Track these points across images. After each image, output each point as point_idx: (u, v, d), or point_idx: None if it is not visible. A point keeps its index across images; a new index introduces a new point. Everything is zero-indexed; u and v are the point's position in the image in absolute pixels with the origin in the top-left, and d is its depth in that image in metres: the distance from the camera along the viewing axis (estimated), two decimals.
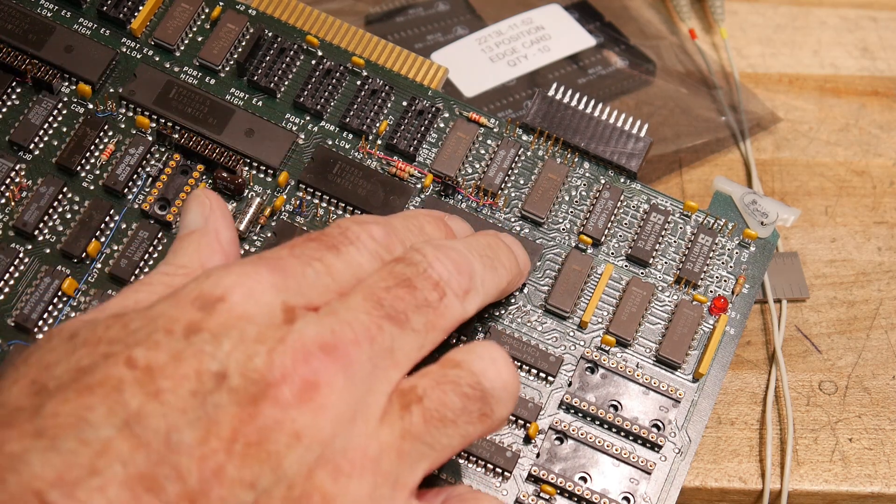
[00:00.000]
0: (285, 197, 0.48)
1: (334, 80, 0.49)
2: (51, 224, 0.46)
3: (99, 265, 0.46)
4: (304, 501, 0.33)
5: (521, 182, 0.49)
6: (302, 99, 0.49)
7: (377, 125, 0.49)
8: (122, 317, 0.35)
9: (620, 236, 0.48)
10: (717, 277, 0.48)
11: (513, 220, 0.48)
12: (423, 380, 0.37)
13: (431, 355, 0.38)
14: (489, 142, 0.49)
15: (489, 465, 0.44)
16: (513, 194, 0.48)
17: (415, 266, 0.38)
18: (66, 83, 0.49)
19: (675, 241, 0.48)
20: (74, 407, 0.32)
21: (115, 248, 0.46)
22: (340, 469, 0.34)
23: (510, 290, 0.44)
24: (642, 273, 0.48)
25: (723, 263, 0.48)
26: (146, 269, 0.46)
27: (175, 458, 0.32)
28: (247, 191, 0.48)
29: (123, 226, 0.47)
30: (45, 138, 0.48)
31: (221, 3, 0.51)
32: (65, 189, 0.47)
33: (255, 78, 0.49)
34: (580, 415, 0.45)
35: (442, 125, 0.49)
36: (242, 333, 0.34)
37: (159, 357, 0.33)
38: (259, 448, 0.33)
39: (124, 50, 0.50)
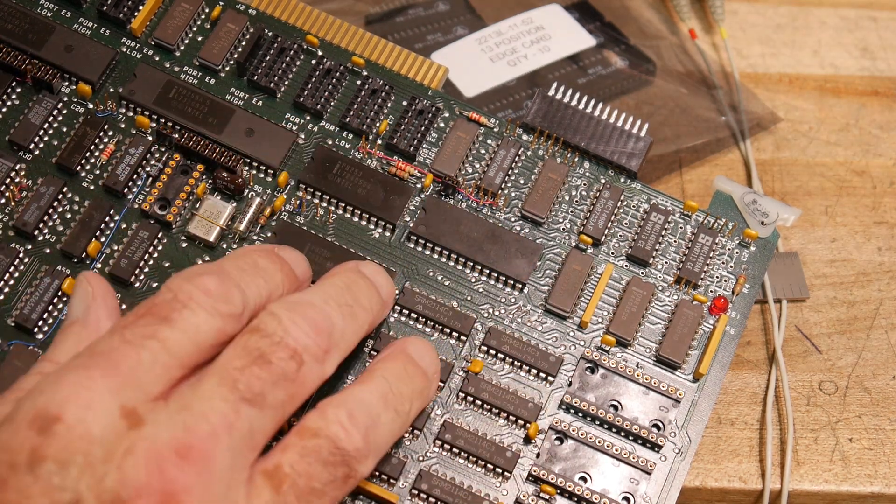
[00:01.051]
0: (285, 197, 0.48)
1: (334, 80, 0.49)
2: (51, 224, 0.46)
3: (99, 265, 0.46)
4: None
5: (522, 182, 0.49)
6: (302, 99, 0.49)
7: (377, 125, 0.49)
8: None
9: (620, 236, 0.48)
10: (717, 277, 0.48)
11: (513, 219, 0.48)
12: (285, 455, 0.36)
13: None
14: (489, 141, 0.49)
15: (489, 465, 0.44)
16: (513, 194, 0.48)
17: (269, 337, 0.37)
18: (66, 83, 0.49)
19: (675, 241, 0.48)
20: None
21: (115, 247, 0.46)
22: None
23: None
24: (642, 273, 0.48)
25: (723, 263, 0.48)
26: (146, 269, 0.46)
27: None
28: (247, 191, 0.48)
29: (123, 226, 0.47)
30: (45, 138, 0.48)
31: (221, 3, 0.51)
32: (65, 189, 0.47)
33: (255, 78, 0.49)
34: (580, 415, 0.45)
35: (442, 125, 0.49)
36: (87, 455, 0.33)
37: (10, 498, 0.32)
38: None
39: (124, 50, 0.50)
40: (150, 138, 0.48)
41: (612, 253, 0.48)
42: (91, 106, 0.49)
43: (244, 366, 0.36)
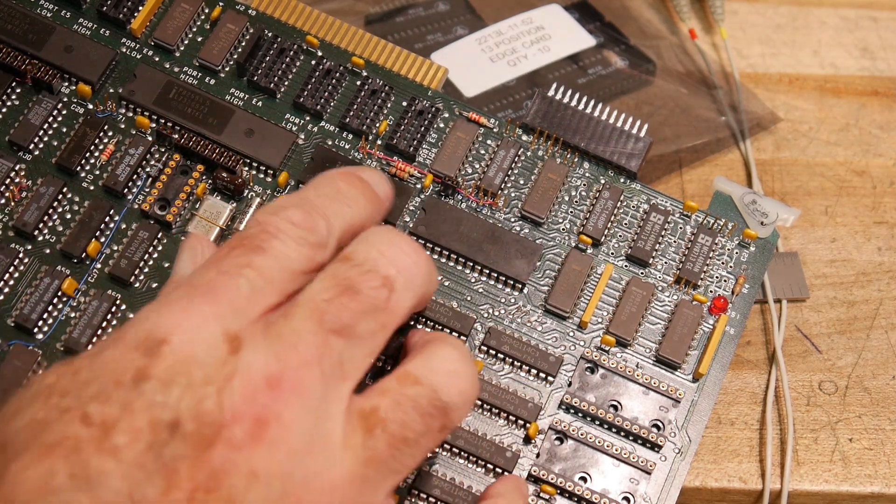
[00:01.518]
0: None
1: (334, 81, 0.49)
2: (51, 224, 0.46)
3: (99, 265, 0.46)
4: None
5: (521, 182, 0.49)
6: (302, 99, 0.49)
7: (377, 125, 0.49)
8: (72, 364, 0.34)
9: (620, 236, 0.48)
10: (717, 277, 0.48)
11: (513, 220, 0.48)
12: (383, 399, 0.36)
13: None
14: (489, 142, 0.49)
15: (489, 466, 0.44)
16: (513, 194, 0.48)
17: (359, 266, 0.37)
18: (66, 83, 0.49)
19: (674, 241, 0.48)
20: (37, 472, 0.32)
21: (115, 248, 0.46)
22: (303, 502, 0.34)
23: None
24: (642, 273, 0.48)
25: (723, 263, 0.48)
26: (146, 270, 0.46)
27: None
28: (247, 191, 0.48)
29: (123, 226, 0.47)
30: (45, 138, 0.48)
31: (221, 4, 0.51)
32: (65, 189, 0.47)
33: (255, 78, 0.49)
34: (580, 415, 0.45)
35: (442, 125, 0.49)
36: (190, 377, 0.33)
37: (112, 411, 0.33)
38: (219, 493, 0.32)
39: (124, 50, 0.50)
40: (150, 139, 0.48)
41: (612, 253, 0.48)
42: (91, 106, 0.49)
43: (332, 297, 0.36)
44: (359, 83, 0.50)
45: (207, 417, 0.33)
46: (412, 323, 0.46)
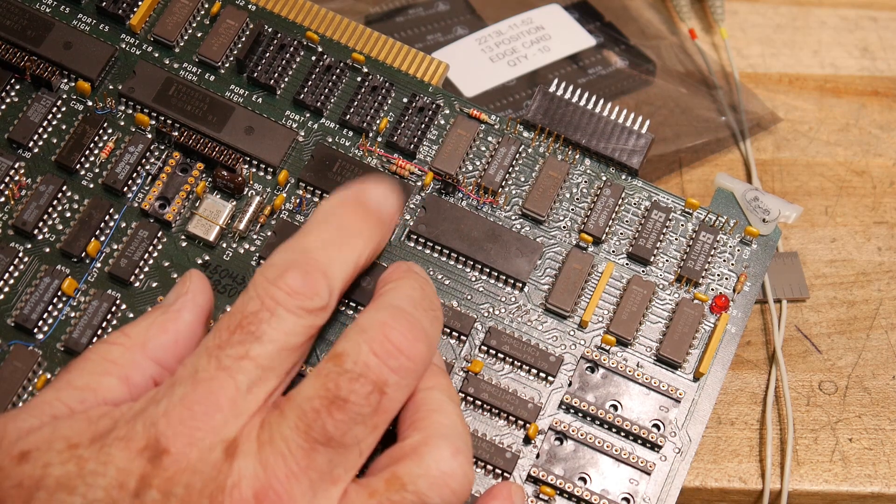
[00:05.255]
0: (285, 195, 0.47)
1: (334, 77, 0.49)
2: (50, 223, 0.46)
3: (99, 264, 0.46)
4: None
5: (522, 179, 0.49)
6: (302, 96, 0.49)
7: (377, 122, 0.49)
8: (76, 451, 0.35)
9: (621, 234, 0.48)
10: (718, 275, 0.48)
11: (513, 217, 0.48)
12: (369, 503, 0.37)
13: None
14: (490, 139, 0.49)
15: (489, 466, 0.44)
16: (513, 192, 0.48)
17: (347, 372, 0.37)
18: (65, 80, 0.49)
19: (676, 239, 0.48)
20: None
21: (115, 247, 0.46)
22: None
23: None
24: (643, 271, 0.48)
25: (724, 261, 0.48)
26: (146, 269, 0.46)
27: None
28: (246, 189, 0.47)
29: (123, 225, 0.47)
30: (45, 136, 0.48)
31: None
32: (64, 188, 0.47)
33: (255, 75, 0.49)
34: (580, 415, 0.45)
35: (442, 122, 0.49)
36: (187, 487, 0.35)
37: None
38: None
39: (123, 46, 0.49)
40: (150, 136, 0.48)
41: (613, 251, 0.48)
42: (90, 103, 0.48)
43: (320, 407, 0.36)
44: (359, 80, 0.49)
45: None
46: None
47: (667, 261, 0.48)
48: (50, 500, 0.34)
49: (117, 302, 0.45)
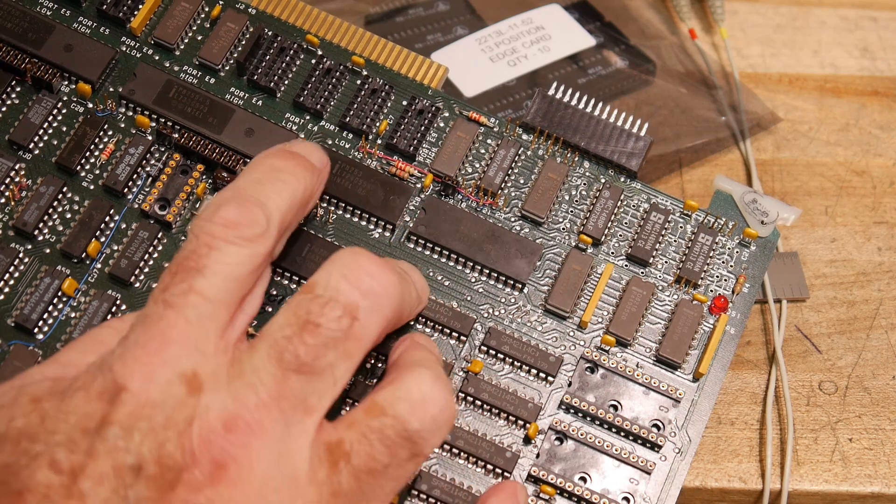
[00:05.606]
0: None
1: (334, 80, 0.49)
2: (51, 224, 0.46)
3: (99, 265, 0.46)
4: None
5: (521, 181, 0.49)
6: (302, 98, 0.49)
7: (377, 125, 0.49)
8: (40, 405, 0.35)
9: (620, 236, 0.48)
10: (717, 277, 0.48)
11: (513, 219, 0.48)
12: (349, 432, 0.37)
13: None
14: (489, 141, 0.49)
15: (489, 466, 0.44)
16: (513, 194, 0.48)
17: (318, 298, 0.37)
18: (66, 82, 0.49)
19: (675, 241, 0.48)
20: None
21: (115, 248, 0.46)
22: None
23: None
24: (642, 272, 0.48)
25: (723, 263, 0.48)
26: (146, 270, 0.46)
27: None
28: None
29: (123, 226, 0.47)
30: (45, 138, 0.48)
31: (221, 2, 0.51)
32: (65, 189, 0.47)
33: (255, 77, 0.49)
34: (580, 415, 0.45)
35: (442, 125, 0.49)
36: (151, 421, 0.34)
37: (78, 458, 0.34)
38: None
39: (124, 49, 0.50)
40: (150, 138, 0.48)
41: (612, 252, 0.48)
42: (91, 105, 0.48)
43: (292, 333, 0.36)
44: (359, 82, 0.49)
45: (168, 461, 0.34)
46: (412, 323, 0.46)
47: (666, 262, 0.48)
48: (15, 451, 0.34)
49: (117, 302, 0.45)
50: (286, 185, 0.40)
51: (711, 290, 0.48)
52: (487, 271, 0.47)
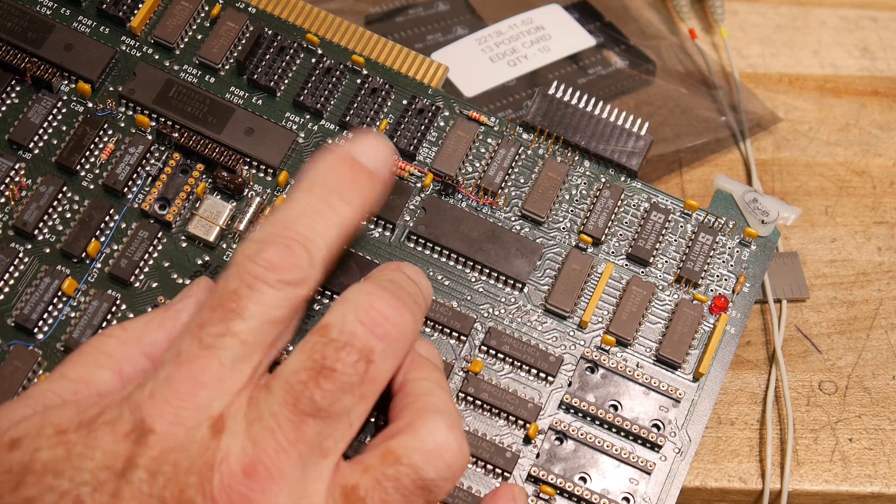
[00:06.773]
0: (285, 196, 0.47)
1: (334, 79, 0.49)
2: (50, 224, 0.46)
3: (99, 265, 0.46)
4: None
5: (522, 181, 0.49)
6: (302, 98, 0.49)
7: (377, 124, 0.49)
8: (64, 436, 0.35)
9: (621, 235, 0.48)
10: (717, 276, 0.48)
11: (513, 219, 0.48)
12: (364, 478, 0.37)
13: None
14: (489, 140, 0.49)
15: (489, 466, 0.44)
16: (513, 193, 0.48)
17: (333, 342, 0.37)
18: (66, 82, 0.49)
19: (675, 240, 0.48)
20: None
21: (115, 247, 0.46)
22: None
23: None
24: (643, 272, 0.48)
25: (723, 262, 0.48)
26: (146, 269, 0.46)
27: None
28: (247, 190, 0.48)
29: (123, 225, 0.47)
30: (45, 137, 0.48)
31: (221, 1, 0.51)
32: (64, 188, 0.47)
33: (255, 76, 0.49)
34: (580, 415, 0.45)
35: (442, 124, 0.49)
36: (175, 465, 0.35)
37: (104, 500, 0.34)
38: None
39: (124, 48, 0.50)
40: (150, 137, 0.48)
41: (613, 252, 0.48)
42: (91, 105, 0.48)
43: (308, 379, 0.36)
44: (359, 81, 0.49)
45: None
46: None
47: (666, 262, 0.48)
48: (38, 484, 0.34)
49: (117, 302, 0.45)
50: (337, 216, 0.39)
51: (712, 290, 0.48)
52: (487, 271, 0.47)
